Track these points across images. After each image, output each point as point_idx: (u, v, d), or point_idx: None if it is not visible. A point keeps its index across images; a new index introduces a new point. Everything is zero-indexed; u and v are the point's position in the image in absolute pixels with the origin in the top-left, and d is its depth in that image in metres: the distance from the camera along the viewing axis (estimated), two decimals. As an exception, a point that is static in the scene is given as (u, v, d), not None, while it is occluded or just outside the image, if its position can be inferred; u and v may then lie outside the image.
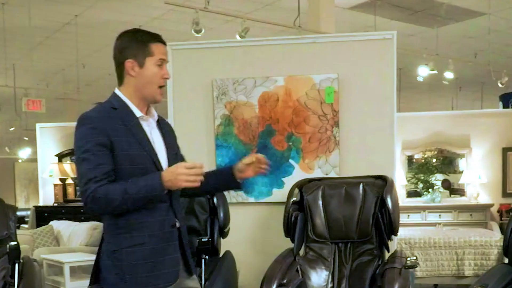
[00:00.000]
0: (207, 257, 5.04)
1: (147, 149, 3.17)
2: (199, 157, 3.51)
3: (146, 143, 3.19)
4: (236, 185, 3.36)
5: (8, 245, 5.22)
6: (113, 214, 3.12)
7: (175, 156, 3.37)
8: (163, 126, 3.41)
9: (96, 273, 3.31)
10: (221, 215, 5.37)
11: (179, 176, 2.97)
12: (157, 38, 3.28)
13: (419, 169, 11.24)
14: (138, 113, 3.23)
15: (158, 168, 3.16)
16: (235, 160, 3.34)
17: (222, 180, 3.43)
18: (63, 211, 12.60)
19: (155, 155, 3.20)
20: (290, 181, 5.98)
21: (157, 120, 3.38)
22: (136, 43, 3.25)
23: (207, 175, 3.30)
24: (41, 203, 13.46)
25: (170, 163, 3.22)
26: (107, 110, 3.20)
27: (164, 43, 3.30)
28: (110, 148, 3.07)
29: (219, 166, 6.16)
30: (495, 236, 8.74)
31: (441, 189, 11.26)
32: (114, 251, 3.16)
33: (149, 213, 3.13)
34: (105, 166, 3.02)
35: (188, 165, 3.00)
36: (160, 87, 3.26)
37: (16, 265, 5.03)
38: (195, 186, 3.02)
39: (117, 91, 3.30)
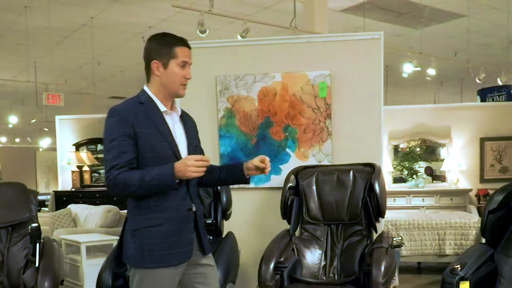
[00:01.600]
0: (211, 237, 5.07)
1: (168, 140, 3.25)
2: (204, 146, 3.51)
3: (168, 135, 3.26)
4: (245, 181, 3.41)
5: (30, 227, 5.22)
6: (135, 197, 3.21)
7: (195, 148, 3.43)
8: (186, 121, 3.48)
9: (119, 249, 3.38)
10: (224, 199, 5.35)
11: (188, 167, 3.02)
12: (182, 42, 3.35)
13: (404, 157, 11.24)
14: (162, 108, 3.31)
15: (178, 158, 3.22)
16: (236, 149, 3.37)
17: (233, 175, 3.47)
18: (80, 195, 12.64)
19: (176, 146, 3.27)
20: (286, 168, 5.99)
21: (181, 115, 3.44)
22: (162, 45, 3.31)
23: (219, 169, 3.48)
24: (60, 188, 13.50)
25: (190, 154, 3.28)
26: (134, 104, 3.28)
27: (188, 46, 3.37)
28: (134, 138, 3.16)
29: (222, 154, 6.22)
30: (473, 218, 8.74)
31: (424, 176, 11.27)
32: (135, 230, 3.23)
33: (168, 197, 3.21)
34: (128, 155, 3.12)
35: (197, 158, 3.06)
36: (183, 85, 3.31)
37: (37, 244, 5.04)
38: (200, 176, 3.14)
39: (145, 88, 3.37)
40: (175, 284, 3.30)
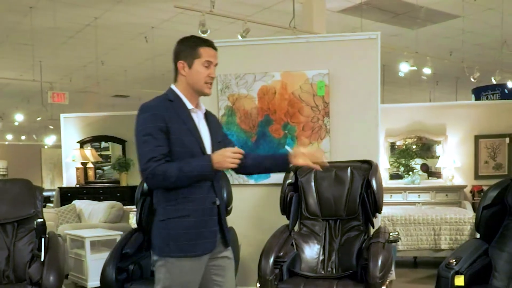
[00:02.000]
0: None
1: (195, 136, 3.32)
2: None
3: (195, 131, 3.34)
4: (288, 170, 3.42)
5: (35, 222, 5.23)
6: (166, 189, 3.27)
7: (218, 144, 3.45)
8: (210, 118, 3.54)
9: (149, 240, 3.48)
10: (224, 195, 5.35)
11: (226, 158, 3.15)
12: (206, 43, 3.41)
13: (401, 154, 11.24)
14: (189, 105, 3.38)
15: (203, 152, 3.31)
16: (237, 147, 3.36)
17: (278, 163, 3.47)
18: (84, 191, 12.66)
19: (202, 141, 3.34)
20: (286, 165, 5.98)
21: (205, 113, 3.52)
22: (187, 47, 3.37)
23: (264, 157, 3.61)
24: (64, 185, 13.52)
25: (214, 149, 3.36)
26: (164, 101, 3.35)
27: (213, 47, 3.43)
28: (167, 132, 3.22)
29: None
30: (468, 214, 8.75)
31: (420, 172, 11.26)
32: (162, 220, 3.30)
33: (194, 190, 3.27)
34: (163, 148, 3.19)
35: (233, 150, 3.18)
36: (207, 83, 3.38)
37: (43, 239, 5.04)
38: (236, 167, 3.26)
39: (173, 87, 3.43)
40: (199, 275, 3.35)
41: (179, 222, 3.27)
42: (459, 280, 4.32)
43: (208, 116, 3.53)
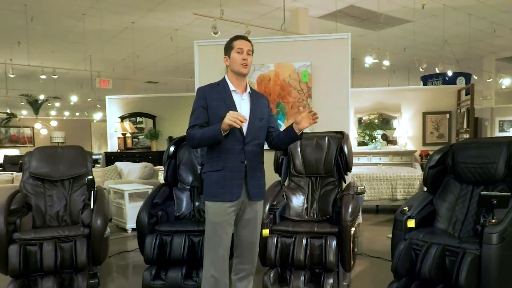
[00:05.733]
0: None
1: (232, 110, 3.24)
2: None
3: (232, 106, 3.35)
4: (297, 137, 3.36)
5: (86, 178, 5.21)
6: (207, 151, 3.43)
7: (260, 120, 3.48)
8: (255, 99, 3.53)
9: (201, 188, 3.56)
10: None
11: (226, 118, 3.09)
12: (238, 37, 3.51)
13: (366, 126, 11.19)
14: (232, 88, 3.43)
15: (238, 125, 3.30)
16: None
17: (287, 135, 3.41)
18: (124, 155, 12.69)
19: None
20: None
21: (252, 95, 3.52)
22: (226, 45, 3.49)
23: (280, 133, 3.53)
24: (109, 150, 13.56)
25: (251, 124, 3.40)
26: (212, 85, 3.46)
27: (243, 39, 3.51)
28: (206, 108, 3.35)
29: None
30: (418, 172, 8.75)
31: (381, 140, 11.22)
32: (204, 173, 3.44)
33: (227, 152, 3.33)
34: (199, 119, 3.34)
35: (236, 113, 3.10)
36: (242, 64, 3.40)
37: (92, 192, 5.02)
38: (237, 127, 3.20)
39: (225, 76, 3.50)
40: (229, 217, 3.37)
41: (213, 175, 3.35)
42: (411, 223, 4.30)
43: (253, 97, 3.51)
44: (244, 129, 3.34)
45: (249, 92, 3.49)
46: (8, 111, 21.60)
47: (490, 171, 4.42)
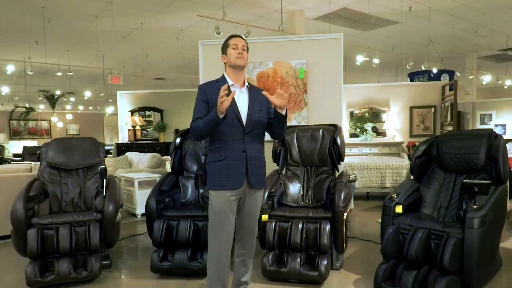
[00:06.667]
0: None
1: (231, 104, 3.26)
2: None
3: (231, 100, 3.22)
4: (280, 115, 3.30)
5: (99, 168, 5.21)
6: (210, 142, 3.38)
7: (259, 111, 3.40)
8: (252, 92, 3.46)
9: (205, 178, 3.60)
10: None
11: (219, 102, 3.06)
12: (232, 36, 3.48)
13: (357, 119, 11.18)
14: (230, 82, 3.38)
15: (238, 117, 3.29)
16: None
17: (274, 117, 3.35)
18: (134, 146, 12.68)
19: (237, 109, 3.30)
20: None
21: (250, 89, 3.46)
22: (224, 44, 3.46)
23: (272, 119, 3.42)
24: (120, 141, 13.56)
25: (250, 115, 3.33)
26: (212, 82, 3.44)
27: (236, 36, 3.47)
28: (206, 102, 3.32)
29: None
30: (405, 162, 8.73)
31: (371, 132, 11.22)
32: (207, 163, 3.40)
33: (229, 143, 3.29)
34: (202, 113, 3.29)
35: (221, 91, 3.04)
36: (237, 58, 3.36)
37: (104, 180, 5.02)
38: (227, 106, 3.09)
39: (224, 73, 3.47)
40: (231, 205, 3.32)
41: (215, 165, 3.31)
42: (399, 209, 4.30)
43: (251, 90, 3.46)
44: (244, 120, 3.29)
45: (247, 86, 3.44)
46: (27, 105, 21.57)
47: (472, 161, 4.42)
